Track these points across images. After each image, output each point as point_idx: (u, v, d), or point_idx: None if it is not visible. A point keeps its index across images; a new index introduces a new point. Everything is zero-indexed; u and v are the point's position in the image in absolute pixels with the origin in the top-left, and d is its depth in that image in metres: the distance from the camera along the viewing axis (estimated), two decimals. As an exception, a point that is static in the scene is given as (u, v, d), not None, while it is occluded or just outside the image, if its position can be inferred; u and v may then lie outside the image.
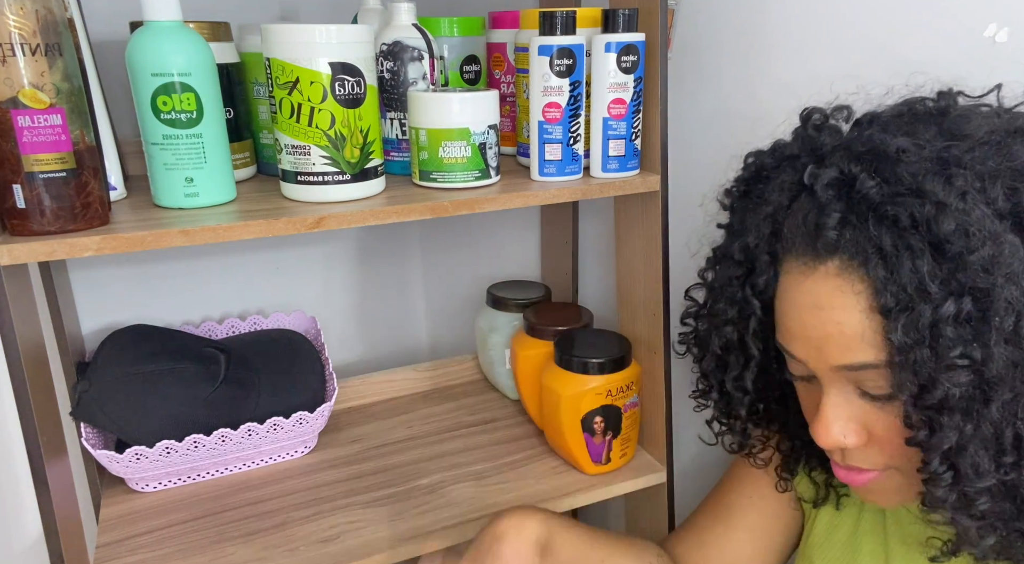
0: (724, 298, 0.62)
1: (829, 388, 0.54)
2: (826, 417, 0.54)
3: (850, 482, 0.58)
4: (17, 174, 0.57)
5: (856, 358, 0.50)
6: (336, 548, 0.77)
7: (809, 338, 0.53)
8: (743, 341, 0.61)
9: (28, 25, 0.54)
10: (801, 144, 0.58)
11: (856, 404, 0.53)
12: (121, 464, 0.81)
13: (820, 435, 0.54)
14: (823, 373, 0.53)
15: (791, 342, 0.55)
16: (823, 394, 0.54)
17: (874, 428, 0.53)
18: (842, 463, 0.57)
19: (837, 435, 0.54)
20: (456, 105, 0.71)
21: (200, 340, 0.93)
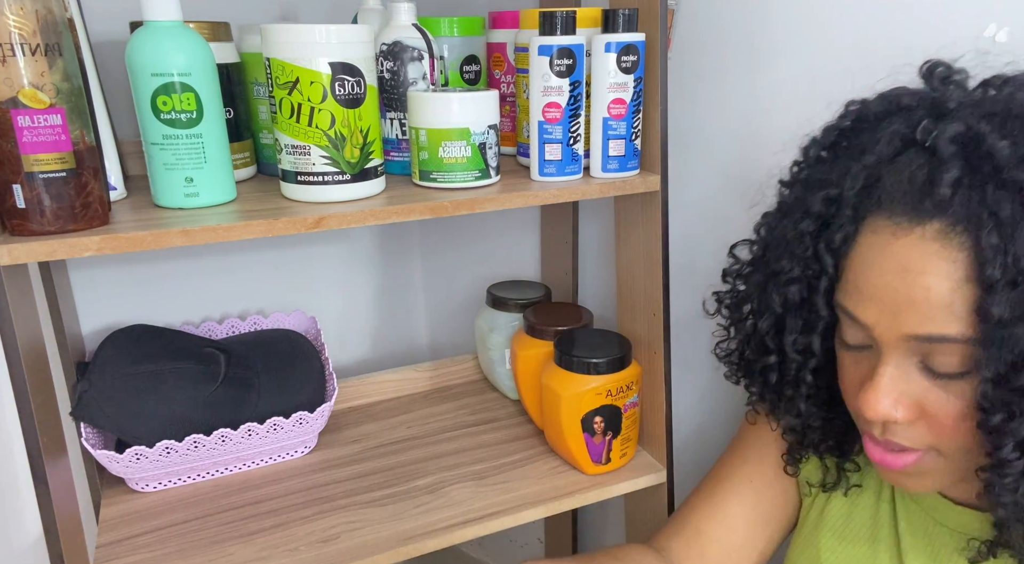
0: (789, 254, 0.58)
1: (889, 358, 0.51)
2: (880, 387, 0.51)
3: (885, 464, 0.55)
4: (17, 174, 0.57)
5: (936, 329, 0.48)
6: (336, 548, 0.77)
7: (885, 302, 0.50)
8: (810, 301, 0.57)
9: (28, 25, 0.54)
10: (920, 96, 0.54)
11: (914, 378, 0.51)
12: (121, 464, 0.81)
13: (870, 404, 0.51)
14: (888, 341, 0.51)
15: (860, 304, 0.52)
16: (880, 364, 0.52)
17: (928, 406, 0.51)
18: (881, 438, 0.54)
19: (888, 408, 0.51)
20: (456, 105, 0.71)
21: (200, 340, 0.93)
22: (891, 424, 0.53)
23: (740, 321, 0.67)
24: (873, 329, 0.52)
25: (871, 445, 0.56)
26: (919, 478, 0.56)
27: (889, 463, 0.55)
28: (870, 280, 0.51)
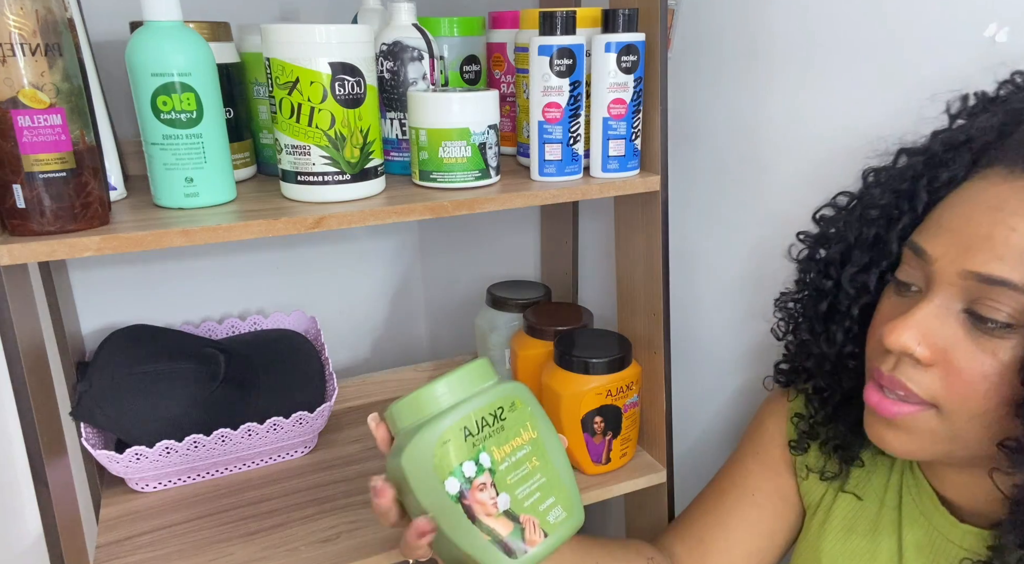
0: (882, 189, 0.59)
1: (934, 296, 0.51)
2: (912, 317, 0.51)
3: (880, 409, 0.55)
4: (17, 174, 0.57)
5: (1002, 272, 0.48)
6: (336, 548, 0.77)
7: (963, 234, 0.50)
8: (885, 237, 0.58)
9: (28, 25, 0.54)
10: None
11: (950, 325, 0.51)
12: (121, 464, 0.81)
13: (896, 330, 0.51)
14: (945, 277, 0.51)
15: (934, 237, 0.52)
16: (923, 300, 0.52)
17: (954, 356, 0.50)
18: (888, 373, 0.53)
19: (910, 339, 0.51)
20: (456, 105, 0.71)
21: (200, 340, 0.93)
22: (905, 363, 0.52)
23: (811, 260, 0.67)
24: (935, 262, 0.51)
25: (871, 388, 0.56)
26: (907, 435, 0.55)
27: (884, 408, 0.54)
28: (955, 214, 0.52)
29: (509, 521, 0.55)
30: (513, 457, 0.56)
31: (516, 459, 0.56)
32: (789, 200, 0.81)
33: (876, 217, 0.59)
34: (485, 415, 0.55)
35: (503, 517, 0.54)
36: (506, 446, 0.56)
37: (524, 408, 0.58)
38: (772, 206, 0.84)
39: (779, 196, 0.83)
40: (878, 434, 0.57)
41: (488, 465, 0.55)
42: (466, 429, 0.54)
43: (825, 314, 0.64)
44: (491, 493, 0.54)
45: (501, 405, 0.56)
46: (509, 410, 0.57)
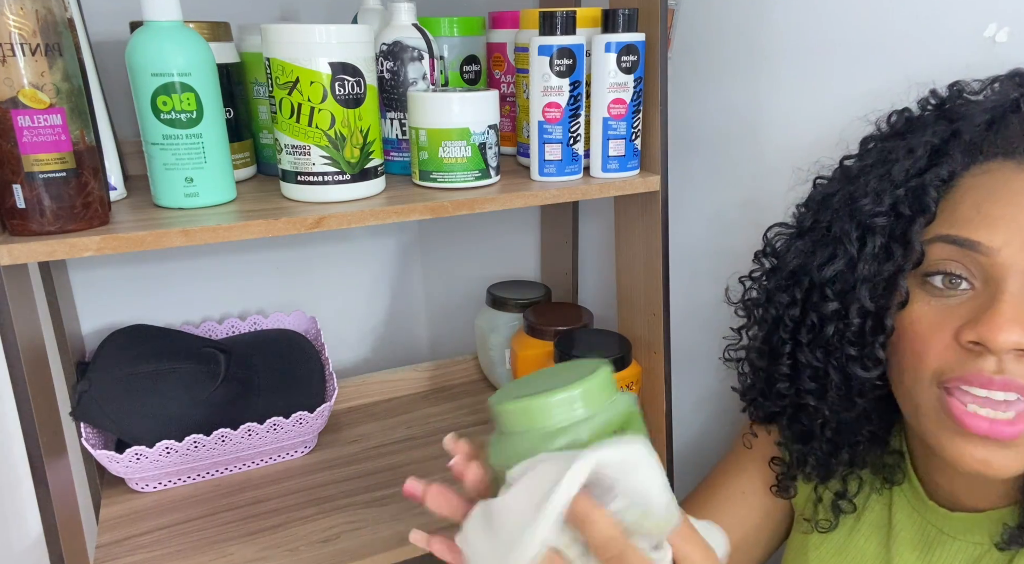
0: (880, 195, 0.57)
1: (1008, 286, 0.49)
2: (1004, 311, 0.48)
3: (995, 434, 0.50)
4: (17, 174, 0.57)
5: None
6: (336, 548, 0.77)
7: (1020, 222, 0.49)
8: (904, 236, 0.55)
9: (28, 25, 0.54)
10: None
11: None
12: (121, 464, 0.81)
13: (1002, 329, 0.47)
14: (1014, 264, 0.49)
15: (986, 228, 0.50)
16: (999, 292, 0.49)
17: None
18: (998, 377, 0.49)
19: (1017, 333, 0.47)
20: (456, 105, 0.71)
21: (200, 340, 0.93)
22: (1009, 362, 0.49)
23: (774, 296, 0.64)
24: (998, 253, 0.49)
25: (968, 415, 0.50)
26: (1018, 452, 0.50)
27: (999, 432, 0.49)
28: (999, 202, 0.50)
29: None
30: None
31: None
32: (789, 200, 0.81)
33: (884, 224, 0.56)
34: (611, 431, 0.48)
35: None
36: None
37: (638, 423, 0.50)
38: (772, 206, 0.84)
39: (779, 196, 0.83)
40: (983, 459, 0.51)
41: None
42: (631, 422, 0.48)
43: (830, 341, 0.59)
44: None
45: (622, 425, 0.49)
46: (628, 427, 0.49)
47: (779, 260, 0.64)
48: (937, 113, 0.60)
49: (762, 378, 0.67)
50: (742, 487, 0.75)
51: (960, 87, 0.60)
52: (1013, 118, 0.55)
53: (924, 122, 0.60)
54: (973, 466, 0.51)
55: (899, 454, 0.65)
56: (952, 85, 0.61)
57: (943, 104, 0.60)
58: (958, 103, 0.60)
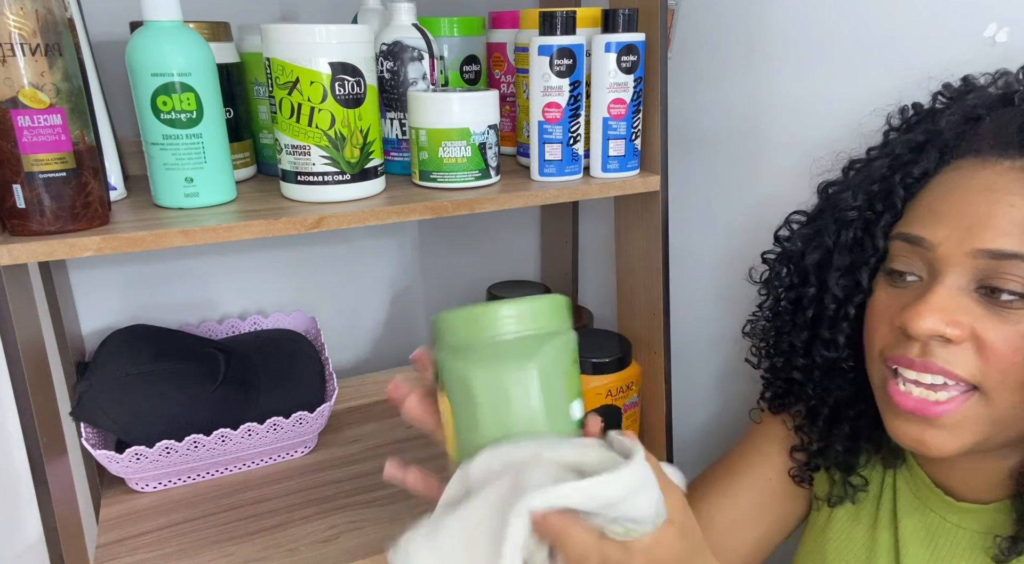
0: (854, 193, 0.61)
1: (946, 277, 0.52)
2: (931, 299, 0.51)
3: (920, 410, 0.53)
4: (17, 174, 0.57)
5: (1011, 246, 0.49)
6: (336, 548, 0.77)
7: (961, 218, 0.51)
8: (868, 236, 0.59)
9: (28, 25, 0.54)
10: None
11: (967, 302, 0.51)
12: (121, 464, 0.81)
13: (920, 314, 0.51)
14: (952, 258, 0.51)
15: (929, 224, 0.53)
16: (935, 283, 0.52)
17: (981, 331, 0.51)
18: (919, 360, 0.52)
19: (937, 320, 0.51)
20: (456, 105, 0.71)
21: (200, 340, 0.93)
22: (934, 346, 0.52)
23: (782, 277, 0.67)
24: (939, 247, 0.52)
25: (899, 393, 0.54)
26: (948, 432, 0.53)
27: (926, 409, 0.52)
28: (948, 200, 0.53)
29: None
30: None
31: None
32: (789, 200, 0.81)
33: (854, 218, 0.60)
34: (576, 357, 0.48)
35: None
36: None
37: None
38: (772, 206, 0.84)
39: (779, 196, 0.83)
40: (916, 437, 0.54)
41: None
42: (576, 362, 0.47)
43: (811, 321, 0.64)
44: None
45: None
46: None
47: (788, 244, 0.68)
48: (943, 108, 0.62)
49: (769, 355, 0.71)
50: (764, 473, 0.74)
51: (969, 81, 0.61)
52: (989, 116, 0.56)
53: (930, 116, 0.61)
54: (908, 444, 0.55)
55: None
56: (963, 79, 0.62)
57: (951, 99, 0.62)
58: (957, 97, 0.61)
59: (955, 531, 0.60)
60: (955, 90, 0.62)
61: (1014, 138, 0.52)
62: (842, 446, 0.66)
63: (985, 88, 0.60)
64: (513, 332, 0.47)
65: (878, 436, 0.65)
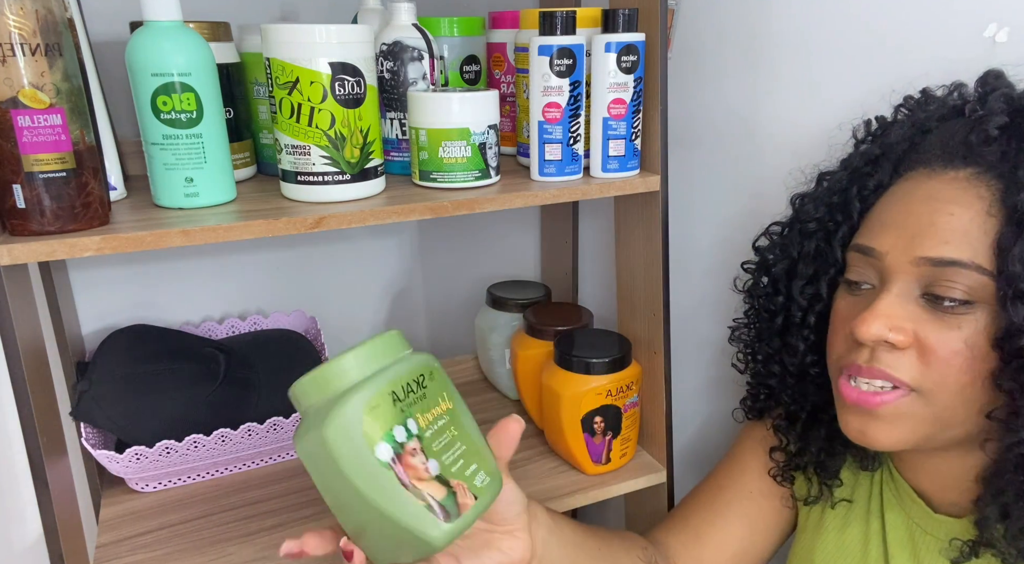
0: (814, 205, 0.64)
1: (892, 286, 0.54)
2: (878, 308, 0.53)
3: (862, 401, 0.56)
4: (17, 174, 0.57)
5: (950, 253, 0.51)
6: (336, 548, 0.77)
7: (905, 227, 0.54)
8: (827, 247, 0.62)
9: (28, 25, 0.54)
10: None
11: (913, 309, 0.53)
12: (121, 464, 0.81)
13: (865, 322, 0.53)
14: (898, 267, 0.54)
15: (879, 234, 0.56)
16: (882, 291, 0.55)
17: (924, 337, 0.53)
18: (866, 366, 0.55)
19: (881, 327, 0.53)
20: (456, 105, 0.71)
21: (200, 340, 0.93)
22: (881, 352, 0.54)
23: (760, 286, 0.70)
24: (885, 256, 0.55)
25: (846, 386, 0.57)
26: (889, 425, 0.55)
27: (866, 400, 0.55)
28: (894, 210, 0.56)
29: (441, 486, 0.53)
30: (435, 425, 0.54)
31: (438, 427, 0.54)
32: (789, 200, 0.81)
33: (815, 230, 0.63)
34: (409, 381, 0.53)
35: (435, 482, 0.52)
36: (428, 414, 0.54)
37: (441, 377, 0.57)
38: (772, 206, 0.84)
39: (779, 196, 0.83)
40: (859, 429, 0.57)
41: (416, 431, 0.53)
42: (394, 394, 0.52)
43: (781, 329, 0.67)
44: (421, 458, 0.52)
45: (422, 372, 0.55)
46: (428, 378, 0.55)
47: (763, 254, 0.70)
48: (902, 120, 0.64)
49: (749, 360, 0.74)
50: (748, 486, 0.75)
51: (928, 94, 0.64)
52: (938, 128, 0.58)
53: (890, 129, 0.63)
54: (854, 436, 0.58)
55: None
56: (921, 91, 0.64)
57: (911, 111, 0.63)
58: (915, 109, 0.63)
59: (933, 541, 0.61)
60: (914, 102, 0.64)
61: (959, 149, 0.54)
62: (818, 449, 0.68)
63: (942, 100, 0.61)
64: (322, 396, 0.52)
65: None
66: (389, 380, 0.52)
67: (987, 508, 0.54)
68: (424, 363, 0.56)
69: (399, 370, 0.53)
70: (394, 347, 0.55)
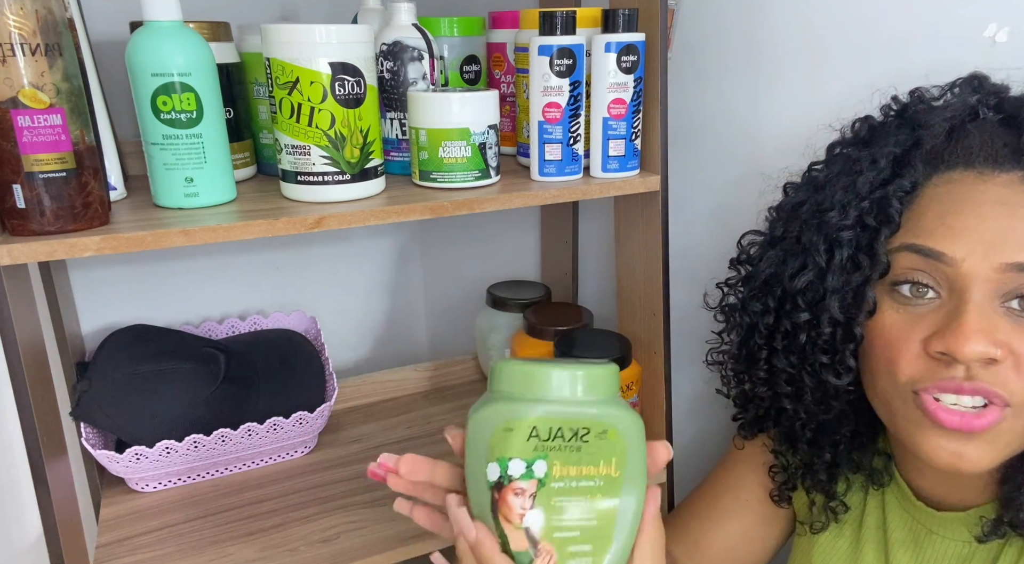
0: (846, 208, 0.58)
1: (973, 295, 0.50)
2: (969, 321, 0.49)
3: (965, 426, 0.51)
4: (17, 174, 0.57)
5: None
6: (336, 548, 0.77)
7: (981, 233, 0.50)
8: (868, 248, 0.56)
9: (28, 25, 0.54)
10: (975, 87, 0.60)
11: (997, 319, 0.50)
12: (121, 464, 0.81)
13: (968, 340, 0.49)
14: (977, 275, 0.50)
15: (947, 239, 0.52)
16: (963, 303, 0.51)
17: (1017, 346, 0.50)
18: (968, 384, 0.51)
19: (985, 345, 0.49)
20: (456, 105, 0.71)
21: (200, 340, 0.93)
22: (977, 368, 0.51)
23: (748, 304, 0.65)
24: (961, 263, 0.51)
25: (940, 409, 0.52)
26: (990, 445, 0.52)
27: (969, 424, 0.51)
28: (961, 216, 0.52)
29: (525, 540, 0.49)
30: (574, 482, 0.49)
31: (577, 486, 0.49)
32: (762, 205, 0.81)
33: (850, 237, 0.57)
34: (565, 427, 0.49)
35: (521, 532, 0.49)
36: (572, 468, 0.49)
37: (618, 442, 0.50)
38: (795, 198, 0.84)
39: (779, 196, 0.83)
40: (956, 452, 0.53)
41: (539, 475, 0.49)
42: (535, 429, 0.49)
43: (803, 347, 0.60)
44: (525, 502, 0.49)
45: (589, 426, 0.49)
46: (597, 436, 0.49)
47: (753, 268, 0.66)
48: (899, 121, 0.61)
49: (742, 381, 0.69)
50: (746, 493, 0.75)
51: (920, 93, 0.62)
52: (971, 127, 0.56)
53: (887, 130, 0.61)
54: (947, 460, 0.53)
55: (886, 455, 0.66)
56: (913, 91, 0.62)
57: (904, 111, 0.61)
58: (920, 109, 0.60)
59: (940, 541, 0.61)
60: (903, 103, 0.62)
61: (1002, 152, 0.53)
62: (822, 468, 0.66)
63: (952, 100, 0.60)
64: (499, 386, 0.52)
65: (858, 458, 0.65)
66: (541, 415, 0.49)
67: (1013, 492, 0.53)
68: (603, 418, 0.50)
69: (564, 411, 0.49)
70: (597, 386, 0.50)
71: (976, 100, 0.57)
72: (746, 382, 0.69)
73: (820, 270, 0.59)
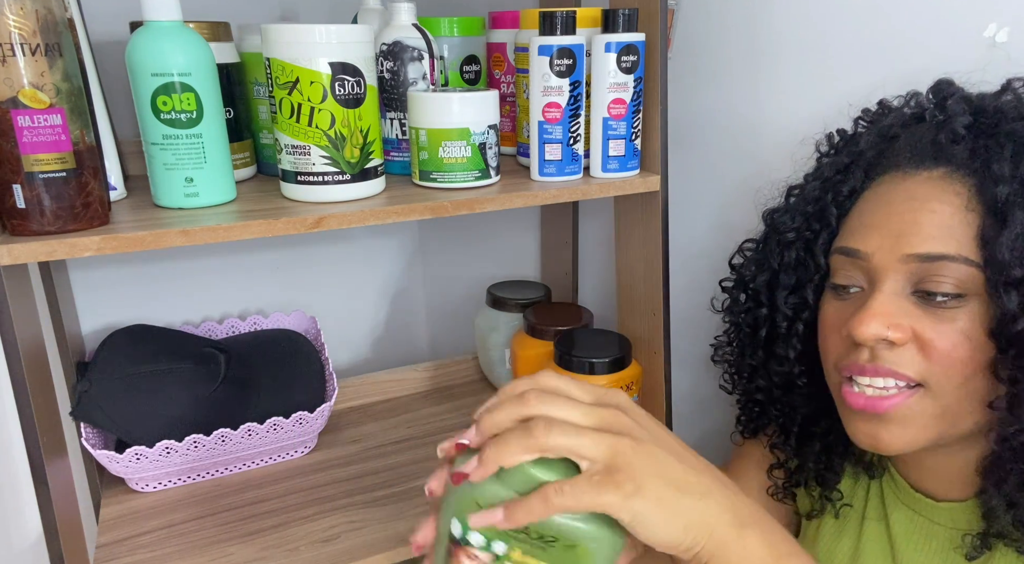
0: (791, 216, 0.65)
1: (883, 284, 0.55)
2: (873, 307, 0.54)
3: (871, 406, 0.55)
4: (17, 174, 0.57)
5: (937, 248, 0.52)
6: (336, 548, 0.77)
7: (889, 228, 0.55)
8: (809, 253, 0.63)
9: (28, 25, 0.54)
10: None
11: (906, 306, 0.54)
12: (121, 464, 0.81)
13: (863, 322, 0.54)
14: (886, 266, 0.54)
15: (863, 236, 0.57)
16: (874, 290, 0.55)
17: (922, 331, 0.53)
18: (869, 365, 0.55)
19: (879, 326, 0.53)
20: (456, 105, 0.71)
21: (200, 340, 0.93)
22: (881, 350, 0.55)
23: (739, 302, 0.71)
24: (872, 257, 0.56)
25: (851, 393, 0.57)
26: (901, 427, 0.55)
27: (875, 405, 0.55)
28: (875, 213, 0.57)
29: None
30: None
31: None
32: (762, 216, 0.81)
33: (794, 239, 0.64)
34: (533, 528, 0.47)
35: None
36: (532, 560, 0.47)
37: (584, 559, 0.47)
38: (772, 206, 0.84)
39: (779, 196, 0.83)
40: (870, 434, 0.57)
41: (498, 552, 0.48)
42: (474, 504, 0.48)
43: (765, 342, 0.67)
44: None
45: (557, 536, 0.46)
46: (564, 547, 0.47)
47: (741, 270, 0.71)
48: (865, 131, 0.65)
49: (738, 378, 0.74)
50: (745, 490, 0.75)
51: (885, 103, 0.66)
52: (904, 132, 0.60)
53: (855, 139, 0.65)
54: (866, 441, 0.58)
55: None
56: (879, 102, 0.66)
57: (870, 121, 0.66)
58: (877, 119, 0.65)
59: (943, 531, 0.61)
60: (873, 114, 0.66)
61: (928, 150, 0.56)
62: (815, 462, 0.68)
63: (900, 109, 0.63)
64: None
65: (854, 449, 0.67)
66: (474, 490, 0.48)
67: (992, 499, 0.54)
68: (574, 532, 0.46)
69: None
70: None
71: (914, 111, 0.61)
72: (742, 379, 0.73)
73: (773, 271, 0.66)
